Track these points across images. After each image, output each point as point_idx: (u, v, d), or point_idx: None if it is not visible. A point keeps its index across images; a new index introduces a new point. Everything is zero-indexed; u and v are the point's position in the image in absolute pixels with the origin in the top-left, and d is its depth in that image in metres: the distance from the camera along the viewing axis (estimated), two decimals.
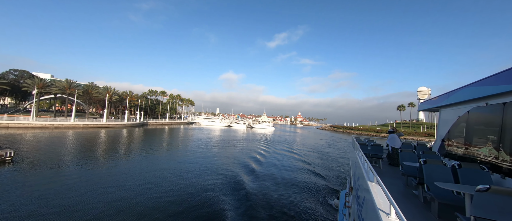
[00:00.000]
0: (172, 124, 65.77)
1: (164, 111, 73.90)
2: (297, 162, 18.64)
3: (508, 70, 4.61)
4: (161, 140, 28.63)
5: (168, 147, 22.51)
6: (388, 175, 7.35)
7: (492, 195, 2.81)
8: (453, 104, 7.47)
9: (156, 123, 60.62)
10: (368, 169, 3.76)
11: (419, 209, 4.59)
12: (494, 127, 5.26)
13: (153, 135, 33.49)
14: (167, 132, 39.86)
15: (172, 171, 13.11)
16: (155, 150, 19.98)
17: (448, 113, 8.10)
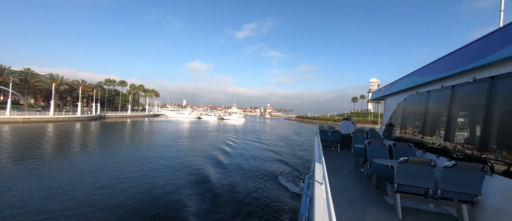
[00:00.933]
0: (134, 117, 60.49)
1: (124, 102, 67.22)
2: (266, 152, 19.14)
3: (432, 63, 5.22)
4: (122, 134, 26.11)
5: (131, 141, 20.63)
6: (343, 157, 8.18)
7: (410, 165, 3.40)
8: (394, 93, 8.24)
9: (115, 115, 54.99)
10: (320, 152, 4.42)
11: (362, 183, 5.23)
12: (421, 112, 5.94)
13: (113, 129, 30.41)
14: (129, 125, 36.52)
15: (132, 167, 11.86)
16: (114, 145, 18.02)
17: (391, 101, 8.88)
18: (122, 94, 67.58)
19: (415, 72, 6.17)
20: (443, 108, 4.85)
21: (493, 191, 3.19)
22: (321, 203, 2.00)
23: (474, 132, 3.92)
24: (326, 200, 2.04)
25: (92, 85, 56.14)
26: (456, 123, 4.45)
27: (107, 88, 63.67)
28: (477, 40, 3.64)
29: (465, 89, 4.22)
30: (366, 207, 3.84)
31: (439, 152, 4.79)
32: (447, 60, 4.48)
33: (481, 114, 3.68)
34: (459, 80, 4.36)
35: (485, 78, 3.65)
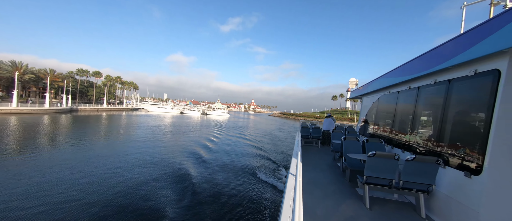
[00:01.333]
0: (111, 110, 56.94)
1: (99, 95, 62.81)
2: (249, 147, 19.07)
3: (402, 66, 5.53)
4: (97, 128, 24.28)
5: (107, 137, 19.20)
6: (323, 152, 8.47)
7: (377, 159, 3.67)
8: (370, 93, 8.62)
9: (89, 108, 51.35)
10: (298, 148, 4.44)
11: (338, 176, 5.48)
12: (392, 111, 6.30)
13: (86, 123, 28.26)
14: (105, 120, 34.23)
15: (106, 164, 10.88)
16: (88, 140, 16.68)
17: (367, 100, 9.25)
18: (97, 86, 62.89)
19: (388, 73, 6.49)
20: (410, 108, 5.18)
21: (445, 181, 3.54)
22: (291, 193, 2.07)
23: (433, 129, 4.25)
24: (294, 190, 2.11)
25: (62, 75, 51.41)
26: (419, 121, 4.80)
27: (79, 79, 58.78)
28: (438, 47, 3.93)
29: (428, 90, 4.57)
30: (338, 198, 4.06)
31: (404, 147, 5.15)
32: (414, 64, 4.80)
33: (439, 113, 4.00)
34: (423, 82, 4.72)
35: (443, 81, 3.99)
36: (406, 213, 3.66)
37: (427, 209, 3.70)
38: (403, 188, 3.63)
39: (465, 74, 3.46)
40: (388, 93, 6.81)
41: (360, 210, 3.64)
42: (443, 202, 3.48)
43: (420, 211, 3.59)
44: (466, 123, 3.46)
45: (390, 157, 3.65)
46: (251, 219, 6.73)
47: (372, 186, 3.80)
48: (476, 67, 3.27)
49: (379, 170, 3.72)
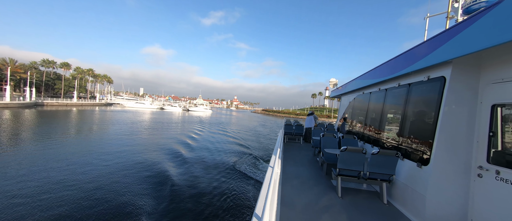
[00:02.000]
0: (82, 105, 52.72)
1: (68, 88, 57.61)
2: (232, 144, 18.90)
3: (373, 69, 5.94)
4: (66, 124, 22.15)
5: (77, 134, 17.59)
6: (304, 148, 8.76)
7: (348, 153, 4.03)
8: (347, 93, 9.04)
9: (57, 103, 47.03)
10: (279, 143, 4.75)
11: (316, 170, 5.81)
12: (365, 110, 6.76)
13: (54, 119, 25.88)
14: (75, 115, 31.56)
15: (77, 163, 9.95)
16: (56, 138, 15.15)
17: (345, 99, 9.66)
18: (65, 78, 57.42)
19: (362, 75, 6.91)
20: (379, 107, 5.66)
21: (402, 171, 3.98)
22: (267, 182, 2.17)
23: (396, 126, 4.69)
24: (269, 181, 2.20)
25: (25, 66, 46.08)
26: (386, 119, 5.29)
27: (45, 70, 53.12)
28: (400, 55, 4.37)
29: (393, 92, 5.04)
30: (315, 190, 4.40)
31: (373, 142, 5.64)
32: (382, 68, 5.24)
33: (401, 112, 4.47)
34: (389, 85, 5.23)
35: (405, 84, 4.49)
36: (372, 200, 4.10)
37: (389, 196, 4.16)
38: (369, 178, 4.06)
39: (421, 80, 3.94)
40: (362, 93, 7.29)
41: (333, 199, 3.97)
42: (401, 189, 3.91)
43: (382, 198, 4.04)
44: (420, 121, 3.90)
45: (358, 151, 4.05)
46: (236, 214, 6.66)
47: (344, 177, 4.19)
48: (429, 74, 3.74)
49: (350, 163, 4.09)
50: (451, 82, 3.20)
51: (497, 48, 2.39)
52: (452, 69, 3.20)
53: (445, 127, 3.20)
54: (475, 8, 5.59)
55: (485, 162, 2.95)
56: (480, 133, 3.06)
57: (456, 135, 3.17)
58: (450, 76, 3.22)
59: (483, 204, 2.95)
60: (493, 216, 2.81)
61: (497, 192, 2.77)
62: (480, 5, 5.52)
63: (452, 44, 2.85)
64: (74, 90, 57.08)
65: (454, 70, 3.19)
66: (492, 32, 2.28)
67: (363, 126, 6.68)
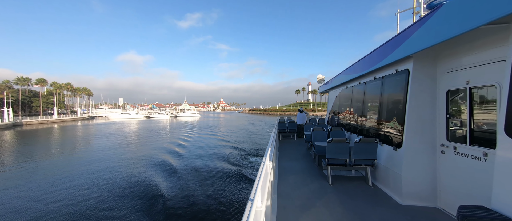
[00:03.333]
0: (63, 121, 50.23)
1: (47, 105, 54.56)
2: (226, 145, 18.93)
3: (353, 64, 6.18)
4: (48, 144, 20.47)
5: (60, 152, 16.75)
6: (298, 143, 8.98)
7: (334, 144, 4.33)
8: (334, 88, 9.35)
9: (37, 121, 44.49)
10: (272, 141, 4.87)
11: (309, 163, 5.94)
12: (349, 102, 7.10)
13: (34, 138, 24.43)
14: (58, 133, 30.12)
15: (64, 181, 9.78)
16: (43, 156, 14.80)
17: (332, 93, 9.95)
18: (43, 95, 54.20)
19: (345, 70, 7.11)
20: (361, 99, 5.99)
21: (382, 155, 4.28)
22: (259, 172, 2.37)
23: (374, 115, 5.06)
24: (261, 170, 2.41)
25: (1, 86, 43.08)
26: (367, 110, 5.62)
27: (20, 89, 49.80)
28: (374, 51, 4.69)
29: (371, 85, 5.36)
30: (308, 180, 4.63)
31: (358, 132, 6.00)
32: (360, 64, 5.55)
33: (378, 103, 4.81)
34: (367, 78, 5.57)
35: (379, 77, 4.82)
36: (359, 184, 4.38)
37: (373, 178, 4.47)
38: (355, 165, 4.35)
39: (391, 73, 4.28)
40: (346, 87, 7.58)
41: (325, 188, 4.22)
42: (382, 172, 4.21)
43: (368, 181, 4.35)
44: (393, 109, 4.20)
45: (342, 141, 4.36)
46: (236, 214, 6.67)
47: (333, 166, 4.45)
48: (397, 67, 4.07)
49: (336, 153, 4.37)
50: (414, 74, 3.55)
51: (447, 42, 2.63)
52: (413, 63, 3.55)
53: (412, 112, 3.54)
54: (437, 3, 5.75)
55: (445, 140, 3.28)
56: (440, 115, 3.39)
57: (421, 119, 3.50)
58: (412, 68, 3.57)
59: (447, 177, 3.23)
60: (455, 186, 3.10)
61: (456, 165, 3.08)
62: (440, 0, 5.71)
63: (411, 40, 3.18)
64: (53, 106, 54.11)
65: (415, 63, 3.53)
66: (441, 29, 2.53)
67: (349, 117, 7.01)
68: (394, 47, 3.71)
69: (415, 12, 6.71)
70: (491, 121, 2.76)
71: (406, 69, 3.72)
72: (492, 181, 2.30)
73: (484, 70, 2.74)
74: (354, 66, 6.13)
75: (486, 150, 2.68)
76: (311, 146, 6.64)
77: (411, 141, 3.52)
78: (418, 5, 6.57)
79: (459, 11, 2.29)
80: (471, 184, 2.85)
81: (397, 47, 3.60)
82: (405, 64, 3.75)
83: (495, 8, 1.90)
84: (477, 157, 2.78)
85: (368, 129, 5.34)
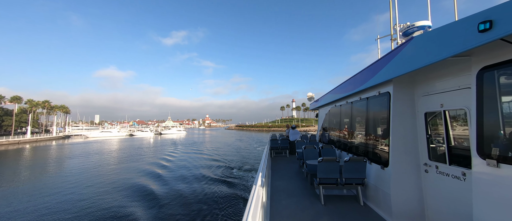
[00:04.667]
0: (37, 141, 46.79)
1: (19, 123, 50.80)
2: (215, 167, 17.41)
3: (341, 84, 6.34)
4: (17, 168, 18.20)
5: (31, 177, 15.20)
6: (290, 161, 8.66)
7: (325, 163, 4.27)
8: (323, 105, 9.46)
9: (7, 141, 41.12)
10: (265, 158, 4.99)
11: (302, 181, 5.80)
12: (338, 120, 7.17)
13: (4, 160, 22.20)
14: (29, 154, 27.93)
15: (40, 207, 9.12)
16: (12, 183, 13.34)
17: (322, 111, 10.07)
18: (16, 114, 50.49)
19: (333, 90, 7.28)
20: (348, 118, 6.09)
21: (371, 174, 4.24)
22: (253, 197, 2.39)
23: (362, 134, 5.11)
24: (254, 189, 2.46)
25: None
26: (354, 128, 5.67)
27: None
28: (358, 73, 4.86)
29: (357, 105, 5.46)
30: (301, 200, 4.51)
31: (346, 149, 6.02)
32: (347, 84, 5.73)
33: (364, 122, 4.88)
34: (353, 98, 5.71)
35: (364, 98, 4.90)
36: (351, 204, 4.27)
37: (365, 198, 4.40)
38: (346, 184, 4.29)
39: (374, 94, 4.39)
40: (335, 106, 7.69)
41: (317, 208, 4.11)
42: (372, 190, 4.15)
43: (359, 200, 4.26)
44: (378, 129, 4.29)
45: (333, 161, 4.31)
46: None
47: (325, 185, 4.36)
48: (379, 90, 4.18)
49: (327, 172, 4.30)
50: (394, 96, 3.69)
51: (421, 69, 2.75)
52: (393, 86, 3.71)
53: (396, 132, 3.61)
54: (411, 31, 6.21)
55: (428, 159, 3.33)
56: (421, 136, 3.47)
57: (405, 139, 3.57)
58: (392, 91, 3.72)
59: (432, 196, 3.25)
60: (440, 205, 3.10)
61: (439, 184, 3.12)
62: (413, 29, 6.15)
63: (390, 66, 3.37)
64: (26, 125, 50.40)
65: (395, 87, 3.69)
66: (414, 58, 2.74)
67: (338, 135, 7.09)
68: (375, 71, 3.98)
69: (393, 38, 7.17)
70: (466, 141, 2.87)
71: (387, 92, 3.91)
72: (472, 200, 2.39)
73: (455, 95, 2.90)
74: (341, 86, 6.35)
75: (464, 169, 2.76)
76: (303, 164, 6.61)
77: (397, 159, 3.57)
78: (395, 32, 7.03)
79: (428, 44, 2.55)
80: (454, 203, 2.89)
81: (378, 71, 3.85)
82: (386, 87, 3.96)
83: (458, 44, 2.11)
84: (457, 176, 2.85)
85: (357, 146, 5.44)
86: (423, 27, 6.03)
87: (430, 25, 6.03)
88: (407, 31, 6.31)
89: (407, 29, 6.32)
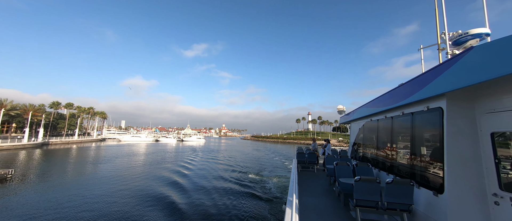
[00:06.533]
0: (81, 142, 54.45)
1: (69, 126, 59.77)
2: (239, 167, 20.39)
3: (376, 98, 6.00)
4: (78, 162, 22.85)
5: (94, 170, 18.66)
6: (319, 177, 8.19)
7: (363, 183, 3.92)
8: (356, 119, 8.85)
9: (60, 141, 48.86)
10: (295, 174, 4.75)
11: (333, 201, 5.34)
12: (375, 136, 6.58)
13: (65, 157, 26.75)
14: (83, 152, 33.02)
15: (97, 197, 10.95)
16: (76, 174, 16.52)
17: (355, 125, 9.40)
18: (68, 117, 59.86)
19: (368, 103, 6.77)
20: (388, 135, 5.51)
21: (420, 200, 3.83)
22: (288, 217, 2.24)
23: (406, 154, 4.58)
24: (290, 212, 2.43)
25: (41, 109, 49.58)
26: (396, 146, 5.13)
27: (54, 111, 55.73)
28: (400, 85, 4.59)
29: (399, 120, 4.97)
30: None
31: (387, 170, 5.37)
32: (385, 98, 5.28)
33: (409, 140, 4.44)
34: (394, 113, 5.20)
35: (408, 113, 4.49)
36: None
37: None
38: (388, 209, 3.79)
39: (421, 109, 4.01)
40: (370, 120, 7.08)
41: None
42: (422, 219, 3.69)
43: None
44: (428, 149, 3.86)
45: (372, 181, 3.90)
46: None
47: (363, 208, 3.92)
48: (428, 104, 3.83)
49: (366, 193, 3.88)
50: (448, 112, 3.30)
51: (485, 82, 2.40)
52: (447, 101, 3.33)
53: (452, 153, 3.21)
54: (464, 40, 5.64)
55: (498, 189, 2.85)
56: (486, 160, 3.03)
57: (464, 162, 3.14)
58: (446, 107, 3.34)
59: None
60: None
61: None
62: (467, 38, 5.57)
63: (444, 78, 3.02)
64: (74, 128, 59.09)
65: (449, 101, 3.31)
66: (477, 69, 2.41)
67: (375, 153, 6.50)
68: (423, 84, 3.60)
69: (441, 48, 6.46)
70: None
71: (439, 107, 3.53)
72: None
73: None
74: (378, 100, 5.94)
75: None
76: (334, 181, 6.23)
77: (455, 186, 3.16)
78: (443, 41, 6.38)
79: (494, 54, 2.25)
80: None
81: (427, 84, 3.49)
82: (438, 102, 3.58)
83: None
84: None
85: (399, 167, 4.92)
86: (480, 35, 5.52)
87: (489, 33, 5.54)
88: (459, 39, 5.79)
89: (458, 37, 5.79)
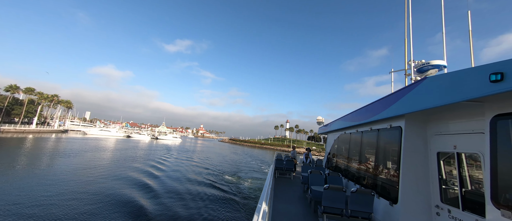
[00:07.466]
0: (39, 132, 49.08)
1: (27, 114, 53.25)
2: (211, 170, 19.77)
3: (351, 113, 6.37)
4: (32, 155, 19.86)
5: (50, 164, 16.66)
6: (295, 184, 8.46)
7: (330, 191, 4.18)
8: (332, 131, 9.39)
9: (14, 129, 43.56)
10: (270, 179, 5.08)
11: (305, 208, 5.59)
12: (347, 148, 7.08)
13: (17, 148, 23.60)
14: (36, 143, 29.55)
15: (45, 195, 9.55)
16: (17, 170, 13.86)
17: (331, 137, 9.98)
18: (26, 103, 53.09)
19: (344, 117, 7.11)
20: (358, 147, 5.96)
21: (379, 209, 4.16)
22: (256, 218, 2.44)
23: (370, 165, 5.05)
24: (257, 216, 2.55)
25: None
26: (363, 158, 5.57)
27: (10, 95, 48.78)
28: (370, 104, 4.96)
29: (368, 135, 5.41)
30: None
31: (354, 179, 5.87)
32: (358, 113, 5.71)
33: (374, 153, 4.88)
34: (364, 128, 5.66)
35: (375, 129, 4.95)
36: None
37: None
38: (352, 216, 4.07)
39: (385, 127, 4.40)
40: (344, 133, 7.50)
41: None
42: None
43: None
44: (388, 163, 4.23)
45: (339, 189, 4.16)
46: None
47: (330, 215, 4.18)
48: (391, 123, 4.21)
49: (333, 200, 4.13)
50: (406, 132, 3.68)
51: (435, 108, 2.73)
52: (405, 121, 3.71)
53: (406, 169, 3.54)
54: (425, 69, 6.13)
55: (440, 201, 3.21)
56: (433, 176, 3.38)
57: (416, 176, 3.48)
58: (404, 126, 3.72)
59: None
60: None
61: None
62: (428, 67, 6.09)
63: (404, 101, 3.38)
64: (32, 116, 52.87)
65: (407, 122, 3.69)
66: (428, 97, 2.75)
67: (346, 163, 6.83)
68: (388, 104, 3.94)
69: (407, 74, 7.10)
70: (481, 186, 2.70)
71: (399, 126, 3.84)
72: None
73: (468, 138, 2.80)
74: (352, 115, 6.30)
75: (478, 217, 2.60)
76: (307, 189, 6.49)
77: (408, 197, 3.44)
78: (409, 67, 6.98)
79: (441, 85, 2.56)
80: None
81: (390, 105, 3.84)
82: (398, 121, 3.90)
83: (470, 90, 2.13)
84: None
85: (365, 177, 5.33)
86: (438, 66, 6.17)
87: (445, 65, 6.22)
88: (422, 68, 6.35)
89: (422, 66, 6.38)
